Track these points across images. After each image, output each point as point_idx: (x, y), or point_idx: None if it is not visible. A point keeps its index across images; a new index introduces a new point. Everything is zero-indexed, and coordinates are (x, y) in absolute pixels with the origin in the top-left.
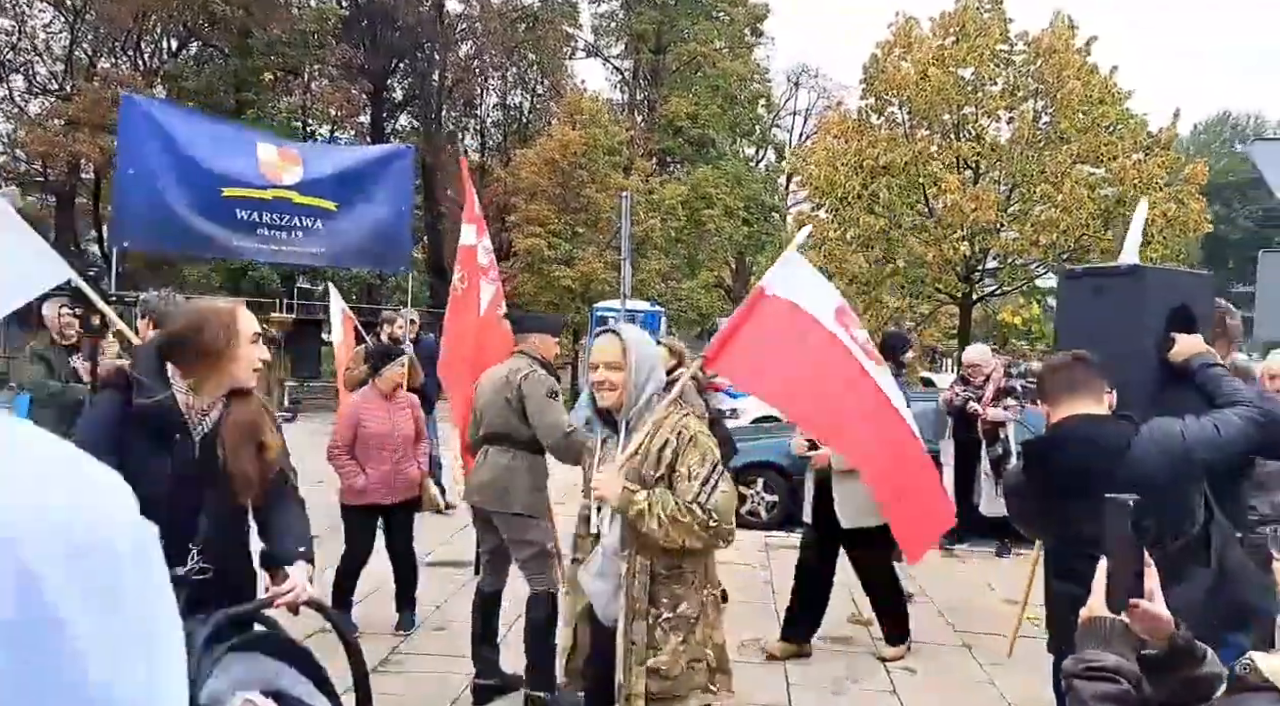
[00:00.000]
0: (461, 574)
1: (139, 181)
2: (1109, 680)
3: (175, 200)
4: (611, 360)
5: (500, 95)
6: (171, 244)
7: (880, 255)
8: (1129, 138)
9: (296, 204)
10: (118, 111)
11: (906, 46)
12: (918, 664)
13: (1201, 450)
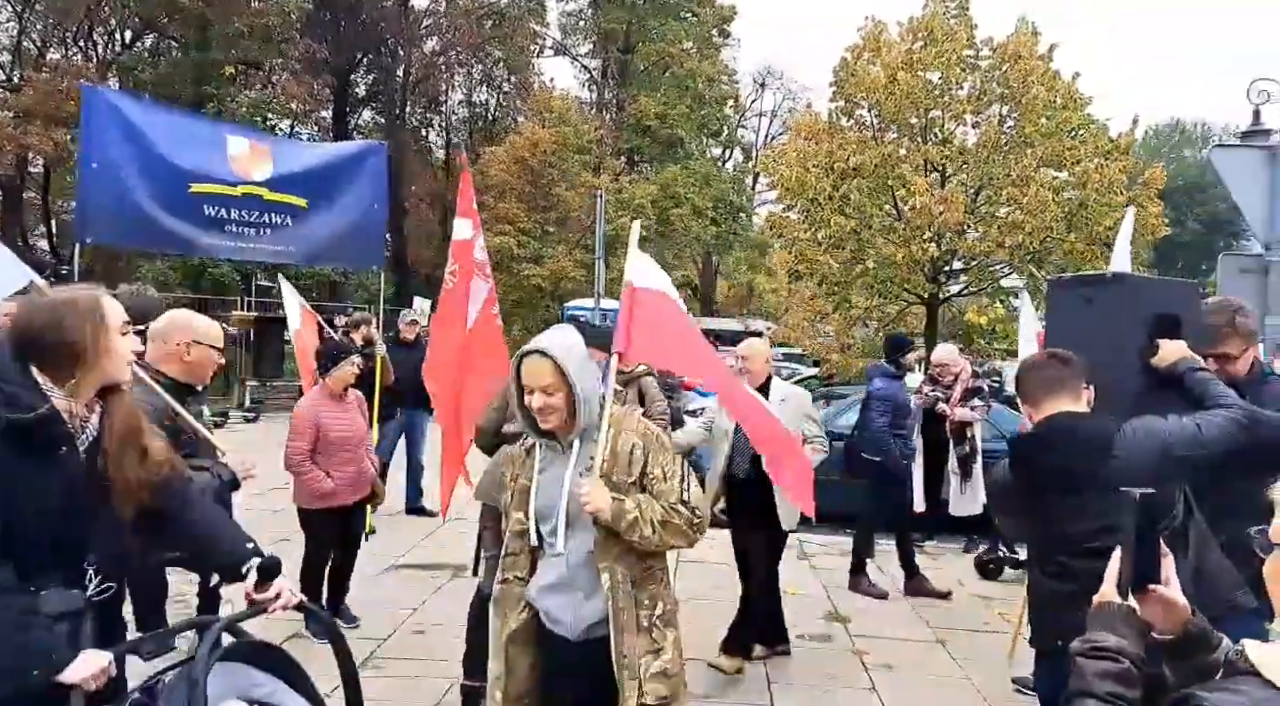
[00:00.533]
0: (438, 576)
1: (102, 175)
2: (1111, 659)
3: (140, 195)
4: (547, 383)
5: (466, 92)
6: (136, 240)
7: (850, 256)
8: (1090, 142)
9: (267, 201)
10: (72, 103)
11: (875, 50)
12: (895, 660)
13: (1181, 447)
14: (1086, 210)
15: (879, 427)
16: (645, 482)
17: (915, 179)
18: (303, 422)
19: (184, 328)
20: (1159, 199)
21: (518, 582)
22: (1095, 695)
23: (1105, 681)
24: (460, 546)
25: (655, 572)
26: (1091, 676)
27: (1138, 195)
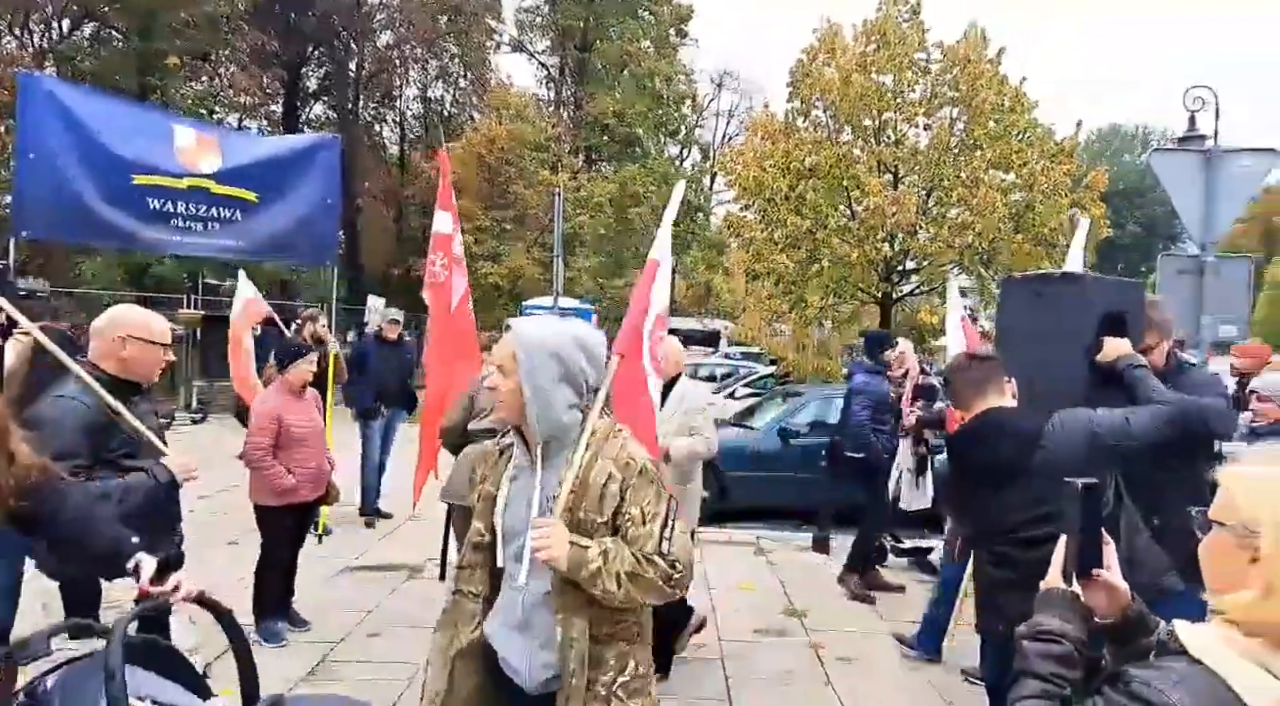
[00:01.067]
0: (393, 577)
1: (39, 166)
2: (1054, 641)
3: (80, 186)
4: (501, 363)
5: (421, 87)
6: (74, 233)
7: (806, 255)
8: (1037, 145)
9: (215, 194)
10: (6, 93)
11: (830, 52)
12: (851, 654)
13: (1109, 437)
14: (1033, 211)
15: (860, 421)
16: (619, 523)
17: (869, 180)
18: (264, 417)
19: (120, 322)
20: (1101, 201)
21: (470, 598)
22: (1038, 675)
23: (1048, 662)
24: (417, 547)
25: (630, 627)
26: (1035, 657)
27: (1081, 197)
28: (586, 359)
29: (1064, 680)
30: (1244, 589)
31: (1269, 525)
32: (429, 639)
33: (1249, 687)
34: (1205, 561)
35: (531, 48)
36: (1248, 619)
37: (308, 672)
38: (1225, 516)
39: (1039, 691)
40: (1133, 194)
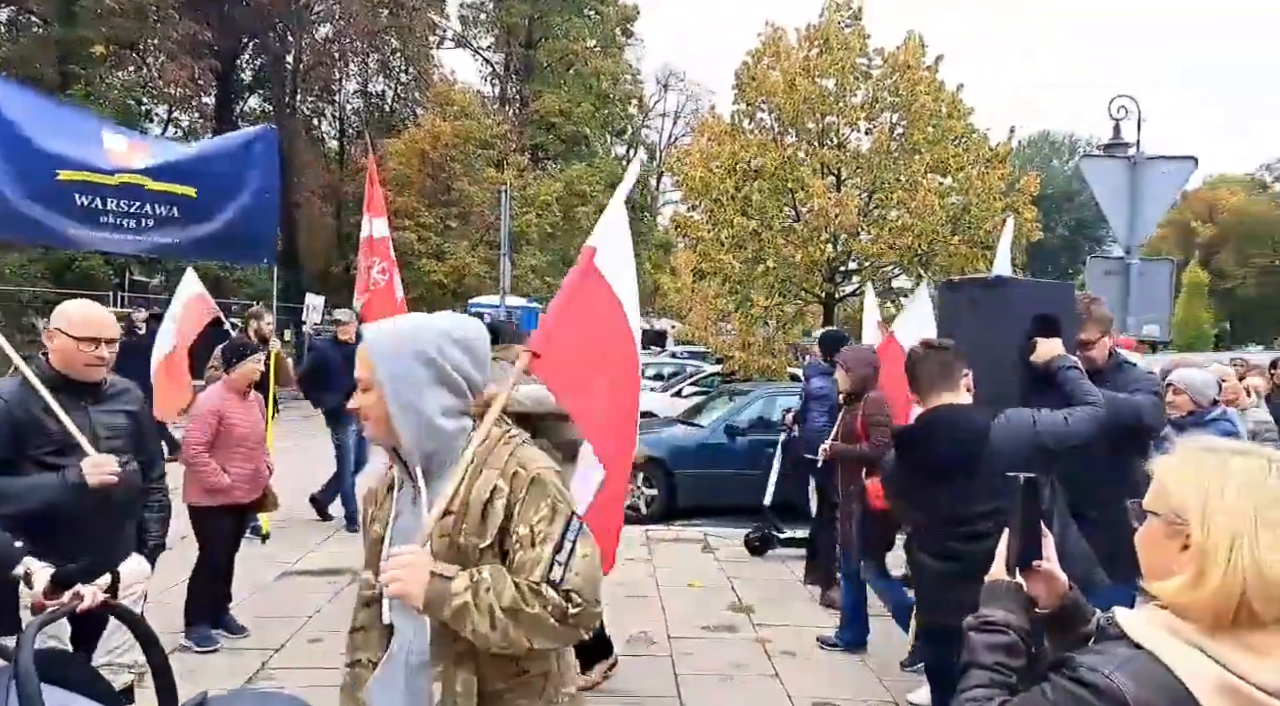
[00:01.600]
0: (336, 582)
1: None
2: (999, 632)
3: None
4: (362, 376)
5: (361, 82)
6: None
7: (752, 255)
8: (972, 150)
9: (150, 191)
10: None
11: (775, 55)
12: (797, 648)
13: (1050, 439)
14: (969, 215)
15: (820, 427)
16: (506, 547)
17: (813, 181)
18: (205, 414)
19: (55, 316)
20: (1033, 205)
21: (367, 666)
22: (984, 666)
23: (993, 653)
24: (358, 550)
25: (533, 681)
26: (980, 648)
27: (1014, 201)
28: (463, 353)
29: (1009, 669)
30: (1177, 575)
31: (1197, 512)
32: None
33: (1187, 669)
34: (1141, 550)
35: (475, 43)
36: (1181, 603)
37: (246, 680)
38: (1157, 506)
39: (986, 681)
40: (1062, 198)
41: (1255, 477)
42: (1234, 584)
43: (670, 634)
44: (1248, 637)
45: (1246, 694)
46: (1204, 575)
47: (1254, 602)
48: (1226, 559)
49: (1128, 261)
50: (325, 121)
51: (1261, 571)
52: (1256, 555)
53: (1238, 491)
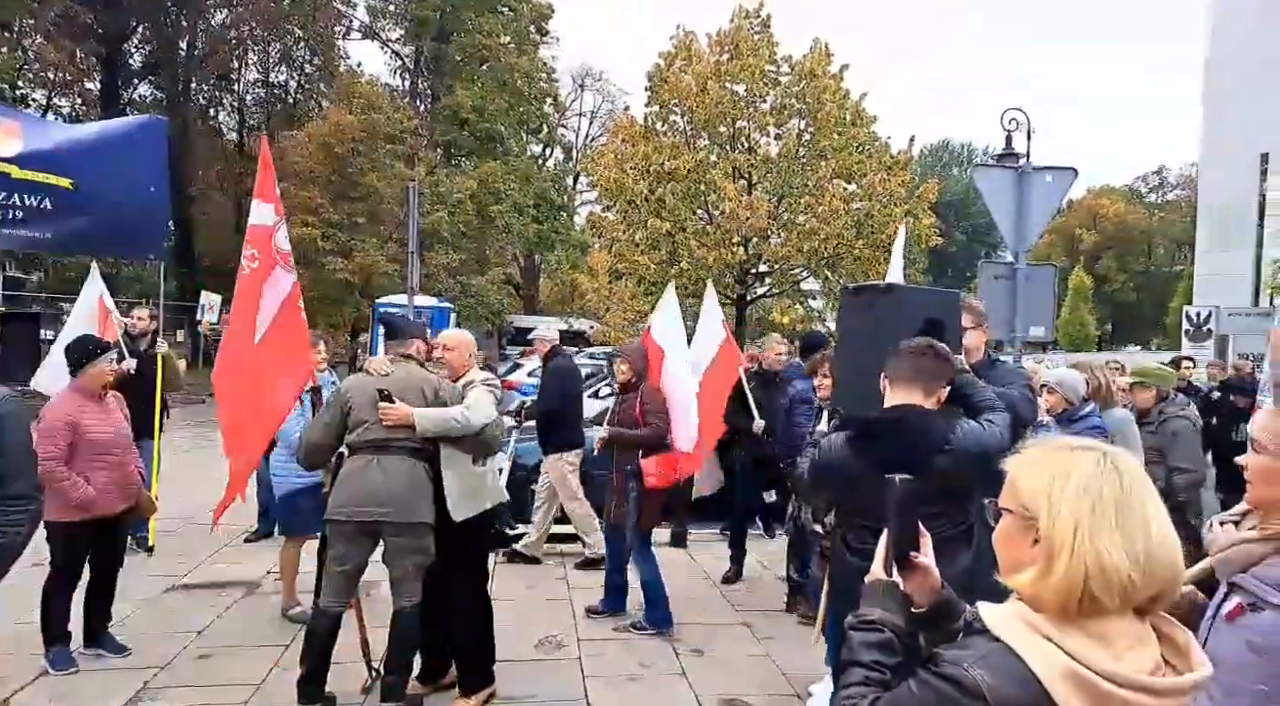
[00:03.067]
0: (227, 595)
1: None
2: (875, 630)
3: None
4: None
5: (262, 71)
6: None
7: (666, 257)
8: (875, 158)
9: (17, 180)
10: None
11: (687, 59)
12: (705, 645)
13: (997, 452)
14: (872, 220)
15: (803, 432)
16: None
17: (725, 185)
18: (53, 424)
19: None
20: (931, 211)
21: None
22: (861, 663)
23: (870, 651)
24: (254, 561)
25: None
26: (858, 646)
27: (914, 207)
28: None
29: (884, 666)
30: (1029, 567)
31: (1044, 506)
32: (268, 658)
33: (1037, 659)
34: (998, 546)
35: (384, 35)
36: (1033, 594)
37: (125, 702)
38: (1010, 503)
39: (862, 678)
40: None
41: (1092, 471)
42: (1077, 572)
43: (580, 637)
44: (1093, 626)
45: (1090, 681)
46: (1051, 565)
47: (1095, 590)
48: (1070, 548)
49: (1015, 266)
50: (223, 111)
51: (1100, 559)
52: (1095, 544)
53: (1078, 484)
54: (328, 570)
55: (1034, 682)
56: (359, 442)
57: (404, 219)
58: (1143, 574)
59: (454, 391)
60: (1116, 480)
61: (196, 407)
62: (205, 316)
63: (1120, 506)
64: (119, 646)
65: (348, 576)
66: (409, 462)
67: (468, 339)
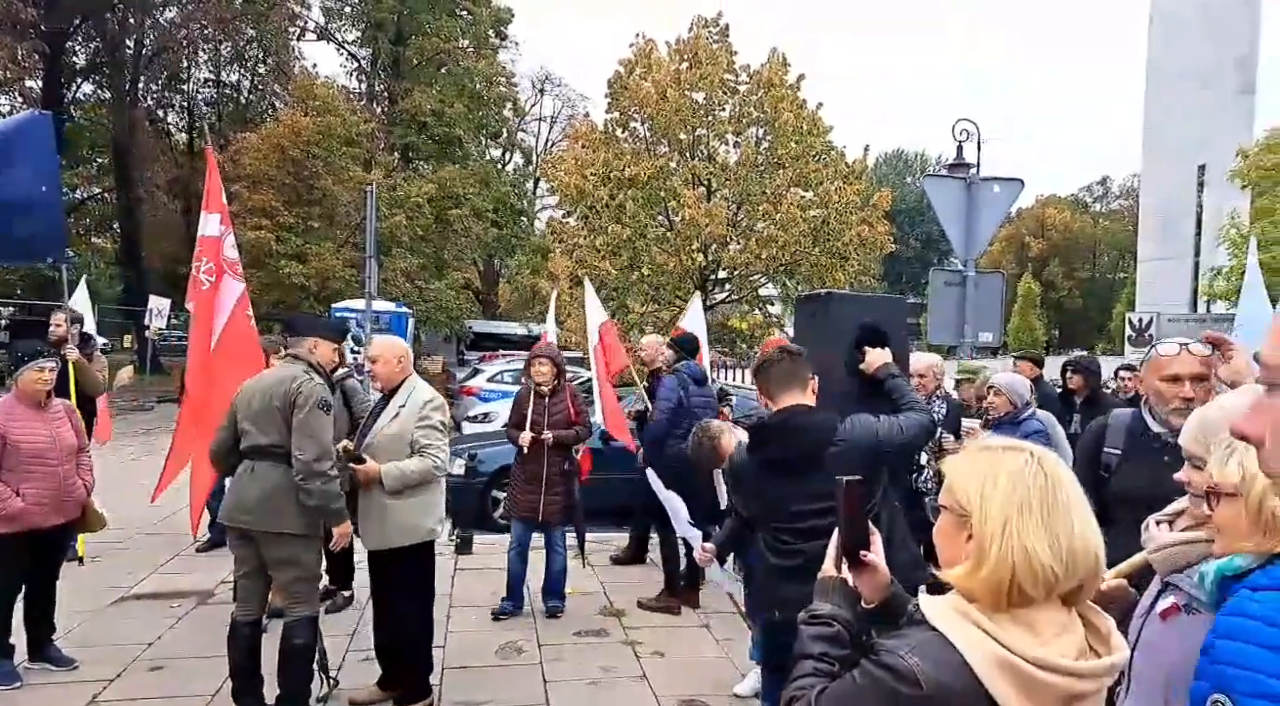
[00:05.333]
0: (178, 605)
1: None
2: (825, 624)
3: None
4: None
5: (213, 71)
6: None
7: (627, 262)
8: (831, 166)
9: None
10: None
11: (647, 67)
12: (666, 647)
13: (888, 442)
14: (828, 227)
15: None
16: None
17: (685, 192)
18: None
19: None
20: (886, 219)
21: None
22: (811, 656)
23: (819, 643)
24: (207, 571)
25: None
26: (808, 640)
27: (869, 215)
28: None
29: (833, 658)
30: (965, 561)
31: (977, 505)
32: (221, 669)
33: (969, 647)
34: (938, 543)
35: (340, 37)
36: (967, 587)
37: None
38: (946, 501)
39: (810, 670)
40: (914, 213)
41: (1020, 471)
42: (1005, 566)
43: (541, 642)
44: (1021, 615)
45: (1018, 667)
46: (982, 559)
47: (1022, 583)
48: (999, 543)
49: (965, 273)
50: (173, 112)
51: (1027, 553)
52: (1023, 540)
53: (1007, 484)
54: (236, 579)
55: (966, 669)
56: (243, 448)
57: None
58: (1065, 567)
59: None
60: (1043, 479)
61: (145, 416)
62: (154, 321)
63: (1045, 504)
64: (66, 659)
65: (248, 584)
66: (281, 469)
67: (392, 347)
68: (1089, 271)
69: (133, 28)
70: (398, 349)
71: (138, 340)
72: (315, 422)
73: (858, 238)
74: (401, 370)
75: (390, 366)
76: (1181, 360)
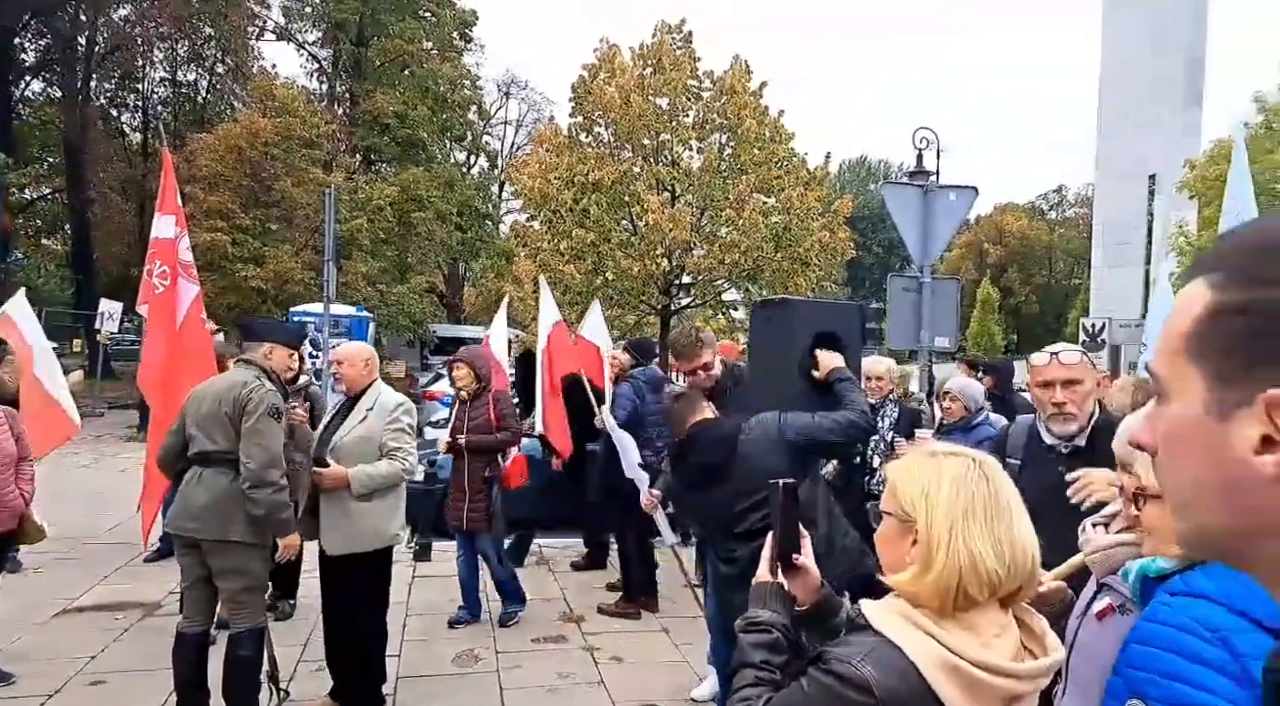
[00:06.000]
0: (124, 618)
1: None
2: (763, 631)
3: None
4: None
5: (169, 70)
6: None
7: (591, 267)
8: (793, 173)
9: None
10: None
11: (611, 72)
12: (624, 652)
13: (792, 433)
14: (790, 233)
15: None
16: None
17: (649, 197)
18: None
19: None
20: (846, 225)
21: None
22: (751, 664)
23: (758, 651)
24: (154, 581)
25: None
26: (748, 648)
27: (830, 221)
28: None
29: (773, 666)
30: (909, 566)
31: (921, 509)
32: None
33: (915, 651)
34: (881, 548)
35: (300, 37)
36: (913, 591)
37: None
38: (890, 506)
39: (753, 680)
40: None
41: (963, 476)
42: (953, 570)
43: (498, 649)
44: (964, 618)
45: (963, 669)
46: (929, 563)
47: (968, 587)
48: (946, 548)
49: (921, 280)
50: (127, 111)
51: (973, 557)
52: (969, 544)
53: (951, 489)
54: (182, 589)
55: (913, 673)
56: (190, 455)
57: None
58: (1008, 570)
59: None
60: (985, 485)
61: (96, 421)
62: (105, 325)
63: (988, 509)
64: (3, 674)
65: (194, 594)
66: (228, 477)
67: (357, 352)
68: (1045, 278)
69: (85, 25)
70: (364, 353)
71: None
72: (265, 430)
73: (819, 244)
74: (368, 373)
75: (357, 369)
76: (1051, 368)
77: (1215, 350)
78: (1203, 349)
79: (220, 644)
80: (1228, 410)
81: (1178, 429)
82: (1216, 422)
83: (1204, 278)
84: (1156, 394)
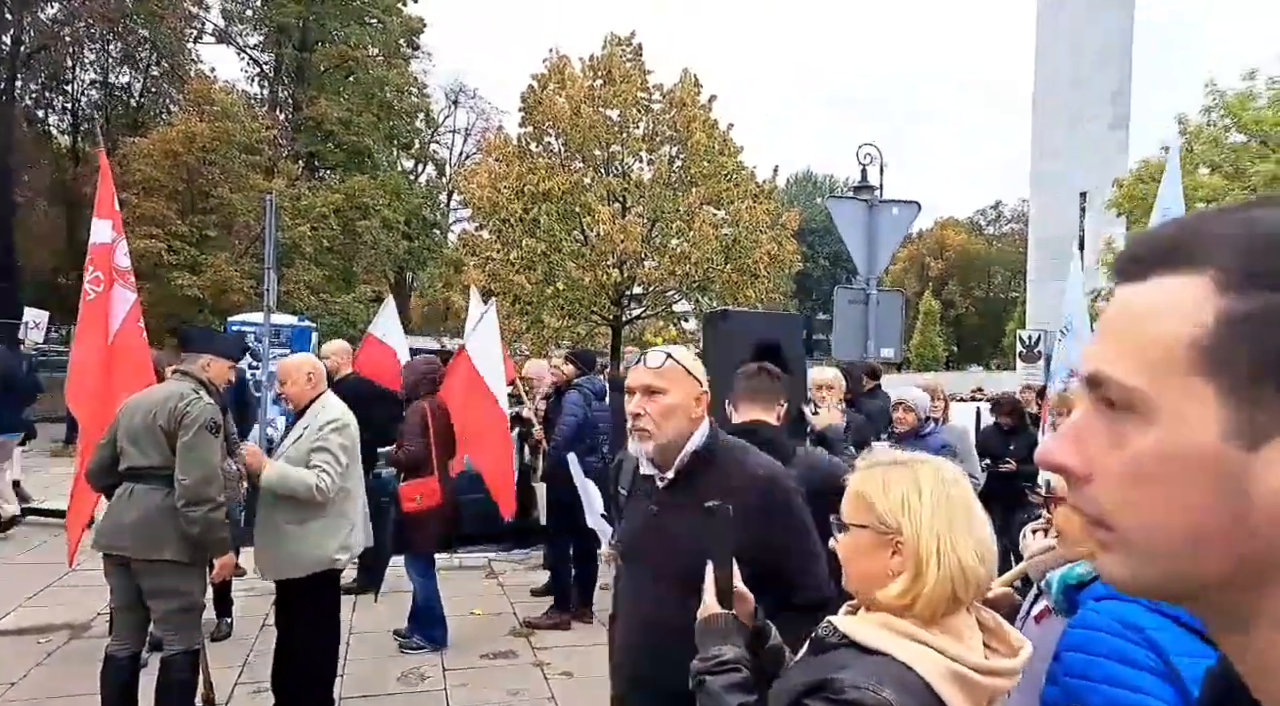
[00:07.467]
0: (48, 641)
1: None
2: (732, 670)
3: None
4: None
5: (101, 71)
6: None
7: (542, 277)
8: (742, 186)
9: None
10: None
11: (560, 82)
12: (574, 668)
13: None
14: (739, 245)
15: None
16: None
17: (599, 208)
18: None
19: None
20: (794, 238)
21: None
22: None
23: (734, 694)
24: (80, 602)
25: None
26: (722, 691)
27: (778, 234)
28: None
29: None
30: (893, 579)
31: (905, 520)
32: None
33: (922, 665)
34: (849, 561)
35: (241, 40)
36: (902, 604)
37: None
38: (865, 519)
39: None
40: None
41: (937, 483)
42: (946, 577)
43: (446, 667)
44: (947, 624)
45: (964, 675)
46: (922, 574)
47: (958, 592)
48: (937, 556)
49: (867, 292)
50: (55, 114)
51: (963, 564)
52: (958, 551)
53: (932, 497)
54: (111, 610)
55: (922, 687)
56: (121, 469)
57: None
58: (988, 571)
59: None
60: (956, 490)
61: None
62: (29, 335)
63: (966, 514)
64: None
65: (124, 615)
66: (161, 493)
67: (298, 366)
68: (984, 290)
69: (9, 23)
70: (305, 366)
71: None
72: (201, 445)
73: (768, 256)
74: (312, 388)
75: (300, 386)
76: (635, 372)
77: (1241, 365)
78: (1220, 363)
79: (152, 666)
80: (1259, 438)
81: (1171, 456)
82: (1240, 451)
83: (1191, 274)
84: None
